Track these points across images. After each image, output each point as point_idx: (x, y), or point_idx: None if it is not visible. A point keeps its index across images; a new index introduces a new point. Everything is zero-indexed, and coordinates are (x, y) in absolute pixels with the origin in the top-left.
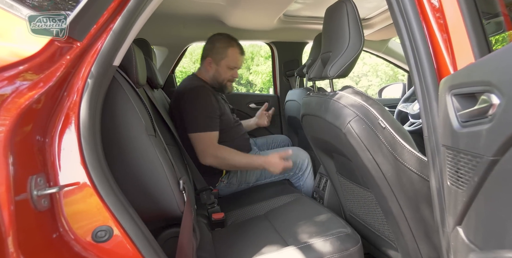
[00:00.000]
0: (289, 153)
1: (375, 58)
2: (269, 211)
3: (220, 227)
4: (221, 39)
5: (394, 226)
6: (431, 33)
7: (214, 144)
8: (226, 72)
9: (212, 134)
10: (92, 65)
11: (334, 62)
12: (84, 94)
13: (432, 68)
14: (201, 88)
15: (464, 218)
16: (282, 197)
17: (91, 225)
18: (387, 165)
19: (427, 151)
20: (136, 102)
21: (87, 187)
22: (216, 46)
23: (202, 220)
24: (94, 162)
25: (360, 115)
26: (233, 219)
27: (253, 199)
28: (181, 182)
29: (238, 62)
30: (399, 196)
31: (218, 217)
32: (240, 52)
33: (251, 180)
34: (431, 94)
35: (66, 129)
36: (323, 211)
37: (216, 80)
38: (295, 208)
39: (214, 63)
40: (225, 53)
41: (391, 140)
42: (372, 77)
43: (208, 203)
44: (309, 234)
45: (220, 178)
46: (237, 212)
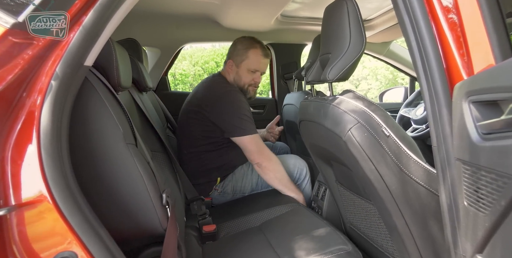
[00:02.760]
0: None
1: (375, 61)
2: (264, 222)
3: (211, 240)
4: (244, 41)
5: (399, 243)
6: (441, 33)
7: (265, 145)
8: (247, 75)
9: (259, 136)
10: (57, 65)
11: (334, 65)
12: (46, 97)
13: (442, 71)
14: (237, 92)
15: (486, 247)
16: (278, 207)
17: (51, 251)
18: (392, 177)
19: (436, 162)
20: (113, 107)
21: (47, 206)
22: (237, 48)
23: (192, 233)
24: (57, 176)
25: (361, 121)
26: (225, 231)
27: (247, 209)
28: (164, 195)
29: (260, 65)
30: (405, 211)
31: (209, 230)
32: (263, 54)
33: (247, 190)
34: (440, 100)
35: (23, 137)
36: (322, 224)
37: (237, 84)
38: (291, 220)
39: (235, 65)
40: (245, 54)
41: (395, 149)
42: (372, 81)
43: (199, 214)
44: (306, 251)
45: (214, 186)
46: (231, 223)
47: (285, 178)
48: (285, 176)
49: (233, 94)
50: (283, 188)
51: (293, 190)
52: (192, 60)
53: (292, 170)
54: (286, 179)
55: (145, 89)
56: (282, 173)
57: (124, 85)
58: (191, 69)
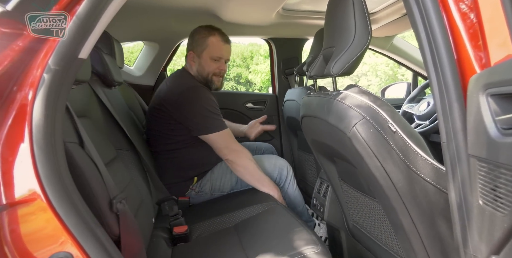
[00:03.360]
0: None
1: (375, 57)
2: (240, 222)
3: (183, 241)
4: (201, 30)
5: (405, 242)
6: (452, 24)
7: (235, 140)
8: (210, 64)
9: (229, 131)
10: (50, 57)
11: (338, 58)
12: (38, 91)
13: (453, 64)
14: (199, 88)
15: (504, 248)
16: (255, 206)
17: (46, 252)
18: (398, 174)
19: (445, 159)
20: None
21: (40, 205)
22: (195, 38)
23: (161, 235)
24: (51, 174)
25: (367, 117)
26: (199, 232)
27: (224, 208)
28: (114, 202)
29: (223, 52)
30: (412, 209)
31: (180, 231)
32: (223, 40)
33: (226, 189)
34: (451, 94)
35: (14, 133)
36: (296, 224)
37: (201, 75)
38: (266, 220)
39: (196, 56)
40: (205, 43)
41: (402, 146)
42: (372, 77)
43: (170, 215)
44: (276, 253)
45: (190, 186)
46: (205, 223)
47: (257, 173)
48: (257, 171)
49: (194, 91)
50: (258, 183)
51: (268, 186)
52: None
53: (272, 170)
54: (259, 174)
55: (112, 84)
56: (253, 167)
57: (78, 78)
58: None
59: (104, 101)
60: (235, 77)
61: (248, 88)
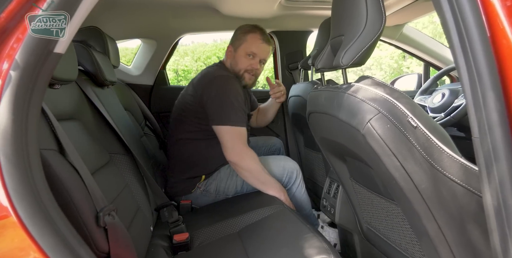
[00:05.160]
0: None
1: (379, 50)
2: (244, 228)
3: (184, 250)
4: (244, 26)
5: (430, 249)
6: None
7: (244, 142)
8: (244, 60)
9: (243, 131)
10: (17, 51)
11: (348, 48)
12: (4, 92)
13: (487, 44)
14: (231, 78)
15: None
16: (260, 210)
17: None
18: (421, 174)
19: (478, 157)
20: None
21: (11, 221)
22: (237, 33)
23: (161, 243)
24: (21, 188)
25: (383, 111)
26: (201, 239)
27: (228, 212)
28: (100, 215)
29: (259, 49)
30: (438, 214)
31: (181, 239)
32: (263, 39)
33: (230, 192)
34: (484, 80)
35: None
36: (304, 230)
37: (233, 69)
38: (272, 225)
39: (233, 50)
40: (243, 38)
41: (425, 142)
42: (376, 71)
43: (170, 222)
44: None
45: (197, 183)
46: (208, 229)
47: (262, 176)
48: (261, 173)
49: (224, 79)
50: (262, 186)
51: (274, 189)
52: (194, 55)
53: (281, 173)
54: (264, 177)
55: (104, 83)
56: (258, 170)
57: (61, 77)
58: (193, 65)
59: (95, 102)
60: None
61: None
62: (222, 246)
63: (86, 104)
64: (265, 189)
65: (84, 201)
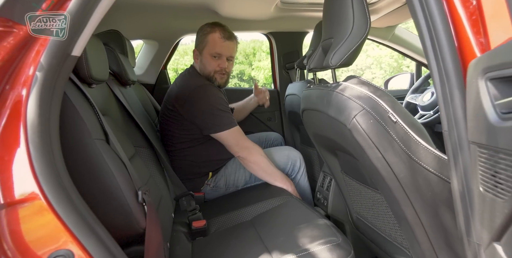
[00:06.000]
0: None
1: (379, 50)
2: (256, 216)
3: (202, 235)
4: (204, 27)
5: (409, 232)
6: (452, 8)
7: (246, 137)
8: (210, 62)
9: (238, 128)
10: (42, 55)
11: (337, 49)
12: (32, 90)
13: (453, 50)
14: (207, 87)
15: (505, 234)
16: (270, 200)
17: (45, 250)
18: (400, 165)
19: (447, 148)
20: (78, 101)
21: (39, 203)
22: (198, 36)
23: (181, 229)
24: (48, 173)
25: (367, 108)
26: (217, 226)
27: (239, 203)
28: (140, 193)
29: (222, 49)
30: (414, 200)
31: (199, 225)
32: (223, 36)
33: (240, 183)
34: (451, 80)
35: (9, 132)
36: (313, 216)
37: (203, 73)
38: (283, 213)
39: (199, 53)
40: (205, 40)
41: (403, 136)
42: (376, 70)
43: (188, 210)
44: (295, 245)
45: (206, 181)
46: (222, 218)
47: (269, 168)
48: (269, 166)
49: (203, 90)
50: (270, 179)
51: (281, 180)
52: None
53: (285, 162)
54: (271, 169)
55: (128, 83)
56: (265, 163)
57: (97, 78)
58: None
59: (122, 100)
60: (238, 75)
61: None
62: (237, 232)
63: (114, 102)
64: (272, 181)
65: (126, 182)
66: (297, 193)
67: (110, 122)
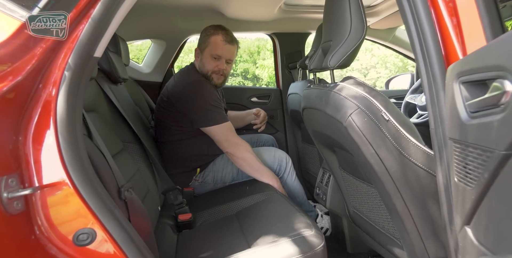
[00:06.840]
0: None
1: (384, 49)
2: (240, 210)
3: (188, 228)
4: (208, 28)
5: (399, 223)
6: (439, 17)
7: (235, 133)
8: (210, 62)
9: (229, 124)
10: (69, 56)
11: (335, 52)
12: (61, 87)
13: (440, 54)
14: (202, 82)
15: (473, 218)
16: (255, 195)
17: (72, 228)
18: (391, 160)
19: (433, 144)
20: None
21: (66, 187)
22: (202, 36)
23: (167, 222)
24: (74, 161)
25: (362, 107)
26: (202, 220)
27: (226, 197)
28: (122, 190)
29: (223, 51)
30: (404, 193)
31: (185, 218)
32: (225, 40)
33: (228, 179)
34: (438, 83)
35: (42, 125)
36: (292, 210)
37: (201, 71)
38: (265, 207)
39: (200, 52)
40: (207, 41)
41: (395, 133)
42: (381, 69)
43: (175, 204)
44: (272, 236)
45: (194, 177)
46: (208, 211)
47: (256, 164)
48: (256, 162)
49: (198, 84)
50: (257, 174)
51: (267, 176)
52: None
53: (272, 162)
54: (258, 166)
55: (118, 80)
56: (253, 159)
57: None
58: None
59: (111, 97)
60: (242, 73)
61: (256, 83)
62: (221, 225)
63: (103, 98)
64: (259, 177)
65: (108, 177)
66: (283, 189)
67: (97, 118)
